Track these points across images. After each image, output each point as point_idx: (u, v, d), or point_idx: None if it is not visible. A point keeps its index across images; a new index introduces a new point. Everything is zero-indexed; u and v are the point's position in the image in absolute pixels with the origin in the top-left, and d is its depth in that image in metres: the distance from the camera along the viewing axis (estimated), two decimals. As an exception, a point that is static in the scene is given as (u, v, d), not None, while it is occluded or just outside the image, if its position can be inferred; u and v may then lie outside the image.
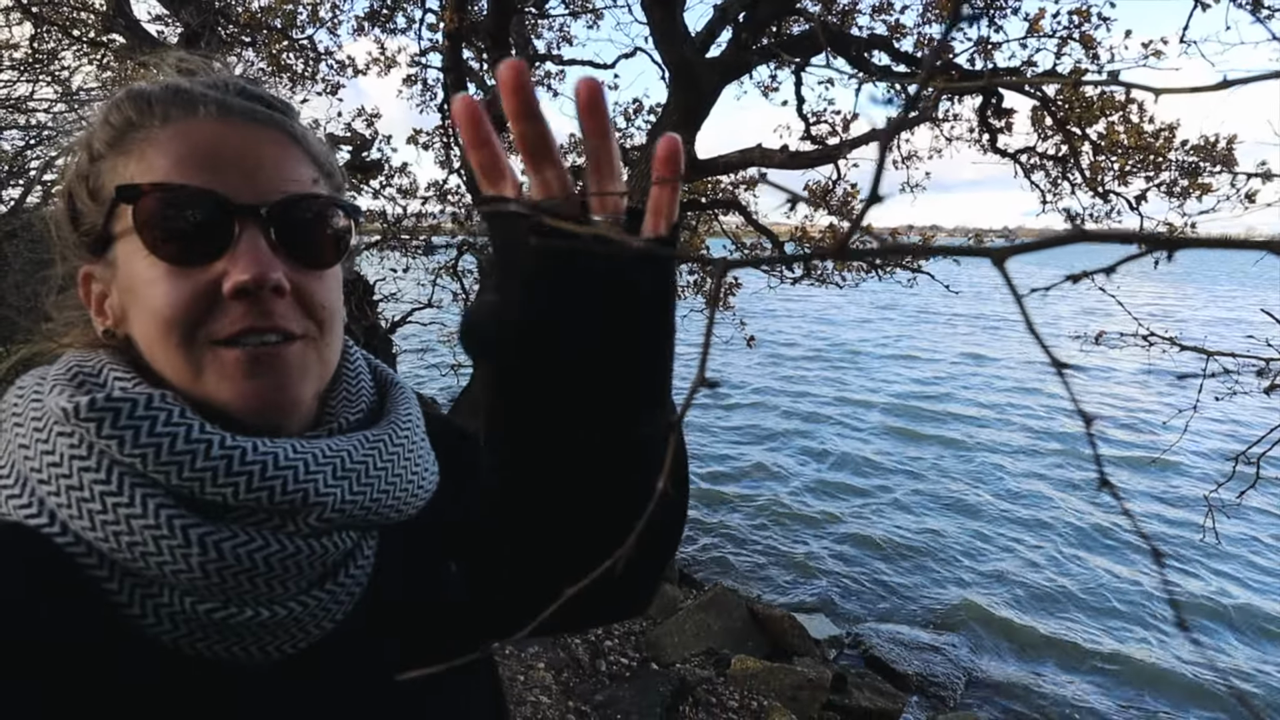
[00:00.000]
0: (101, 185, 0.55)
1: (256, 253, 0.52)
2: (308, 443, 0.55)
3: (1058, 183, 5.33)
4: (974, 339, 22.60)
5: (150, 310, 0.52)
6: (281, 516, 0.52)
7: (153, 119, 0.54)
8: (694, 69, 3.96)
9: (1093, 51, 4.50)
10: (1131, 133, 4.79)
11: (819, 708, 4.28)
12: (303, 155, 0.58)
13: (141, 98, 0.55)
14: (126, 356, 0.56)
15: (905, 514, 8.91)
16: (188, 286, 0.52)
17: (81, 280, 0.58)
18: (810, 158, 4.26)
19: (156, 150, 0.53)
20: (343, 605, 0.56)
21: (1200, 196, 4.80)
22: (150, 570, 0.48)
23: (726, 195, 5.77)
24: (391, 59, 6.12)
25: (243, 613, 0.50)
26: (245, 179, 0.54)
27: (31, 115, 5.41)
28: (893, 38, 4.81)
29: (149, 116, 0.54)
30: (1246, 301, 36.04)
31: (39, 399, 0.53)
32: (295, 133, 0.58)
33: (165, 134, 0.53)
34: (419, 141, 6.26)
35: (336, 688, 0.57)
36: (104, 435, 0.49)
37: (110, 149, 0.55)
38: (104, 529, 0.48)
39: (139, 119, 0.54)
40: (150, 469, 0.49)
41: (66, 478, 0.49)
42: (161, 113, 0.54)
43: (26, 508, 0.49)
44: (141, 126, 0.54)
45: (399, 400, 0.67)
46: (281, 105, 0.59)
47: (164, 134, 0.53)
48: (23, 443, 0.51)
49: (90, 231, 0.56)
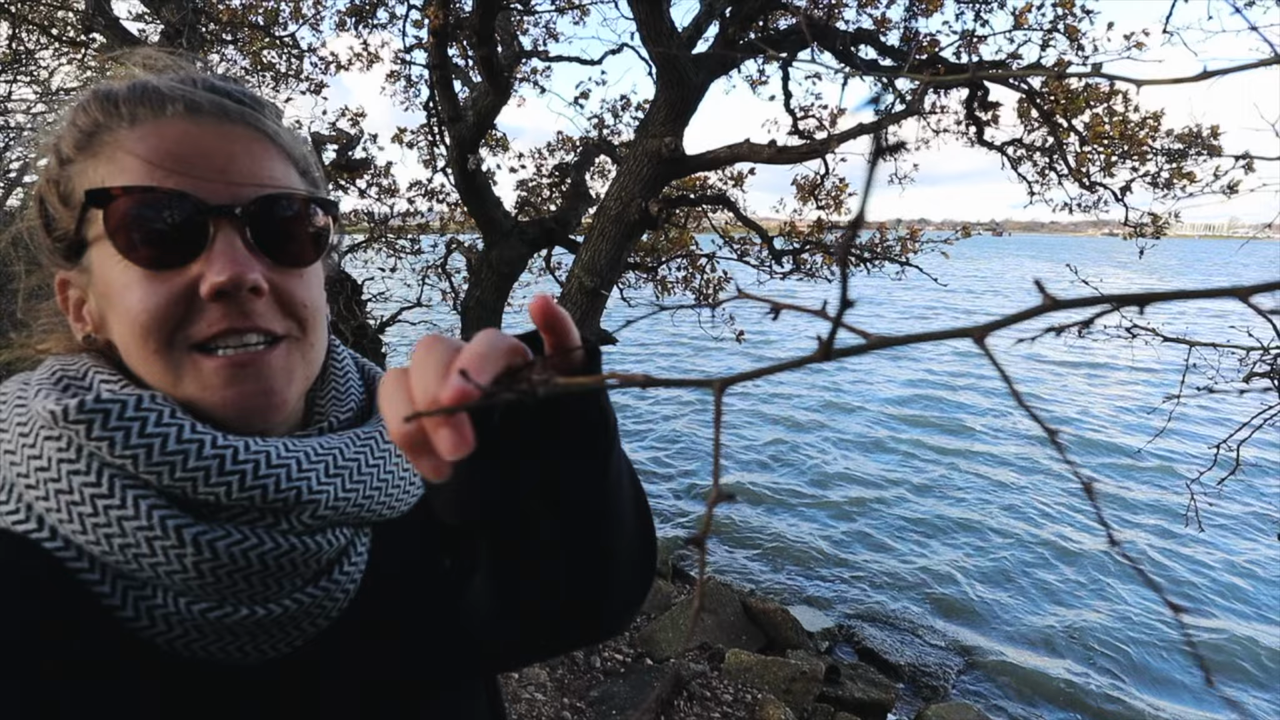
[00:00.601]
0: (72, 190, 0.54)
1: (233, 253, 0.52)
2: (298, 442, 0.55)
3: (1044, 174, 5.36)
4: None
5: (127, 316, 0.51)
6: (274, 515, 0.52)
7: (120, 120, 0.53)
8: (681, 64, 3.95)
9: (1077, 43, 4.53)
10: (1116, 124, 4.82)
11: (812, 699, 4.30)
12: (276, 151, 0.57)
13: (108, 99, 0.54)
14: (109, 360, 0.56)
15: (898, 507, 8.96)
16: (164, 290, 0.51)
17: (58, 287, 0.57)
18: (798, 152, 4.25)
19: (125, 151, 0.52)
20: (337, 603, 0.56)
21: (1184, 186, 4.84)
22: (143, 572, 0.48)
23: (715, 191, 5.77)
24: (374, 55, 6.07)
25: (237, 611, 0.50)
26: (218, 178, 0.53)
27: (10, 116, 5.34)
28: (879, 32, 4.82)
29: (116, 118, 0.53)
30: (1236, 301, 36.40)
31: (23, 404, 0.52)
32: (268, 129, 0.57)
33: (134, 135, 0.52)
34: (404, 140, 6.21)
35: (331, 685, 0.57)
36: (94, 437, 0.48)
37: (79, 152, 0.54)
38: (95, 532, 0.47)
39: (106, 120, 0.53)
40: (142, 470, 0.48)
41: (55, 482, 0.48)
42: (129, 113, 0.53)
43: (14, 514, 0.49)
44: (109, 128, 0.53)
45: None
46: (252, 101, 0.58)
47: (132, 135, 0.52)
48: (8, 449, 0.51)
49: (64, 237, 0.55)
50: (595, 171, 6.37)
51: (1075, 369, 17.21)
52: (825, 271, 5.31)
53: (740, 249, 5.57)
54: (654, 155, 4.14)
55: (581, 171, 5.73)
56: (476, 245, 5.68)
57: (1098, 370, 16.85)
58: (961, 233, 5.14)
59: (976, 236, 5.29)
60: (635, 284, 6.26)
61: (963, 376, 16.24)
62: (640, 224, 4.30)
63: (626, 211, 4.21)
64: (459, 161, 4.54)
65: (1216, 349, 1.87)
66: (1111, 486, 9.56)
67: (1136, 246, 5.05)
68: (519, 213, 6.24)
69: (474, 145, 4.58)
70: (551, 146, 6.60)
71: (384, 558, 0.63)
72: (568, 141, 6.52)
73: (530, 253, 5.18)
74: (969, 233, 5.19)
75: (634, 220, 4.23)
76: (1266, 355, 1.69)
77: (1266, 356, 1.69)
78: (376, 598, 0.61)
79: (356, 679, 0.59)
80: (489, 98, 4.49)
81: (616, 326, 5.31)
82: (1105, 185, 5.14)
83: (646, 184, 4.21)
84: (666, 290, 5.98)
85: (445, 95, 4.43)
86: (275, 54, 5.70)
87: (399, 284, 6.38)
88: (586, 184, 5.67)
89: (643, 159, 4.19)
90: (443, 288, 6.35)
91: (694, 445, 10.99)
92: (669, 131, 4.12)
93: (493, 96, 4.47)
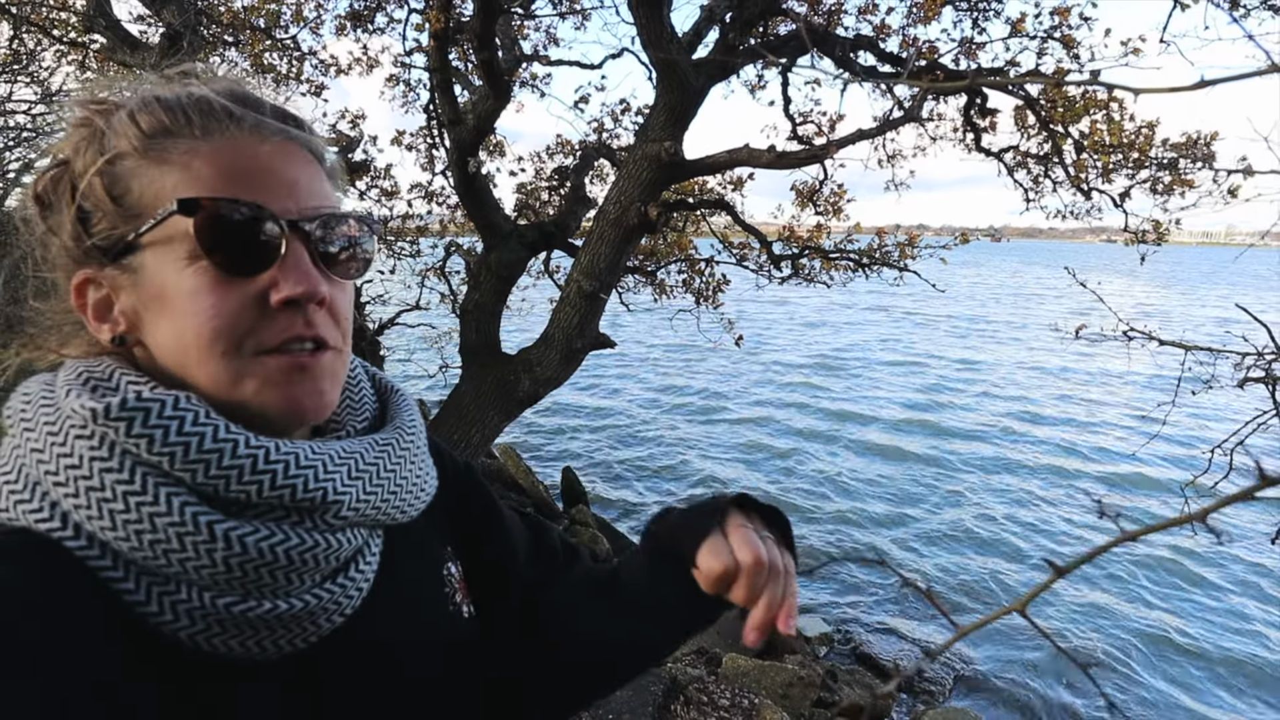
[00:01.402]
0: (127, 189, 0.54)
1: (306, 266, 0.56)
2: (322, 445, 0.58)
3: (1039, 180, 5.38)
4: (968, 342, 22.73)
5: (193, 320, 0.53)
6: (300, 514, 0.55)
7: (191, 128, 0.55)
8: (681, 69, 3.97)
9: (1074, 51, 4.55)
10: (1114, 131, 4.84)
11: (810, 704, 4.30)
12: (324, 173, 0.62)
13: (172, 107, 0.56)
14: (130, 363, 0.57)
15: (894, 512, 8.97)
16: (237, 297, 0.54)
17: (76, 287, 0.58)
18: (797, 157, 4.27)
19: (202, 161, 0.54)
20: (351, 600, 0.59)
21: (1183, 193, 4.86)
22: (171, 567, 0.50)
23: (714, 196, 5.78)
24: (374, 59, 6.08)
25: (261, 605, 0.52)
26: (286, 194, 0.56)
27: (10, 117, 5.34)
28: (878, 38, 4.84)
29: (187, 127, 0.55)
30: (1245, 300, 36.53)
31: (49, 403, 0.54)
32: (318, 151, 0.62)
33: (208, 146, 0.55)
34: (403, 143, 6.23)
35: (342, 681, 0.59)
36: (133, 434, 0.50)
37: (137, 155, 0.54)
38: (125, 528, 0.49)
39: (175, 127, 0.55)
40: (176, 468, 0.50)
41: (87, 479, 0.50)
42: (201, 124, 0.55)
43: (37, 512, 0.50)
44: (178, 135, 0.55)
45: (401, 407, 0.71)
46: (306, 125, 0.62)
47: (207, 146, 0.55)
48: (35, 446, 0.52)
49: (108, 237, 0.55)
50: (594, 175, 6.38)
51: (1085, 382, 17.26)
52: (823, 276, 5.32)
53: (739, 254, 5.58)
54: (653, 159, 4.15)
55: (581, 175, 5.74)
56: (475, 248, 5.69)
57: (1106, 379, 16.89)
58: (960, 238, 5.15)
59: (975, 242, 5.29)
60: (634, 288, 6.26)
61: (968, 382, 16.28)
62: (639, 228, 4.31)
63: (626, 215, 4.22)
64: (458, 164, 4.55)
65: (1213, 354, 1.89)
66: (1118, 499, 9.57)
67: (1136, 253, 5.06)
68: (518, 216, 6.25)
69: (474, 148, 4.59)
70: (551, 150, 6.62)
71: (394, 559, 0.65)
72: (567, 145, 6.53)
73: (529, 256, 5.19)
74: (968, 238, 5.20)
75: (633, 224, 4.24)
76: (1261, 360, 1.70)
77: (1261, 361, 1.70)
78: (386, 597, 0.63)
79: (365, 676, 0.61)
80: (489, 101, 4.51)
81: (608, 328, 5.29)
82: (1103, 191, 5.16)
83: (646, 188, 4.22)
84: (665, 294, 5.98)
85: (445, 99, 4.44)
86: (276, 56, 5.71)
87: (398, 286, 6.39)
88: (586, 188, 5.69)
89: (642, 163, 4.21)
90: (441, 290, 6.36)
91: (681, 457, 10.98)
92: (668, 136, 4.13)
93: (493, 100, 4.48)
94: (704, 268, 5.82)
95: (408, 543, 0.69)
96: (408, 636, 0.65)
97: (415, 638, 0.66)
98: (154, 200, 0.54)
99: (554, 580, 0.84)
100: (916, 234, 5.13)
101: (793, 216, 5.69)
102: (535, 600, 0.82)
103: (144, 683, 0.49)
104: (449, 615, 0.71)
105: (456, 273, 6.30)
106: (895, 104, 4.96)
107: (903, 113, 4.71)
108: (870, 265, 5.10)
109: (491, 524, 0.83)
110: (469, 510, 0.81)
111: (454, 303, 6.03)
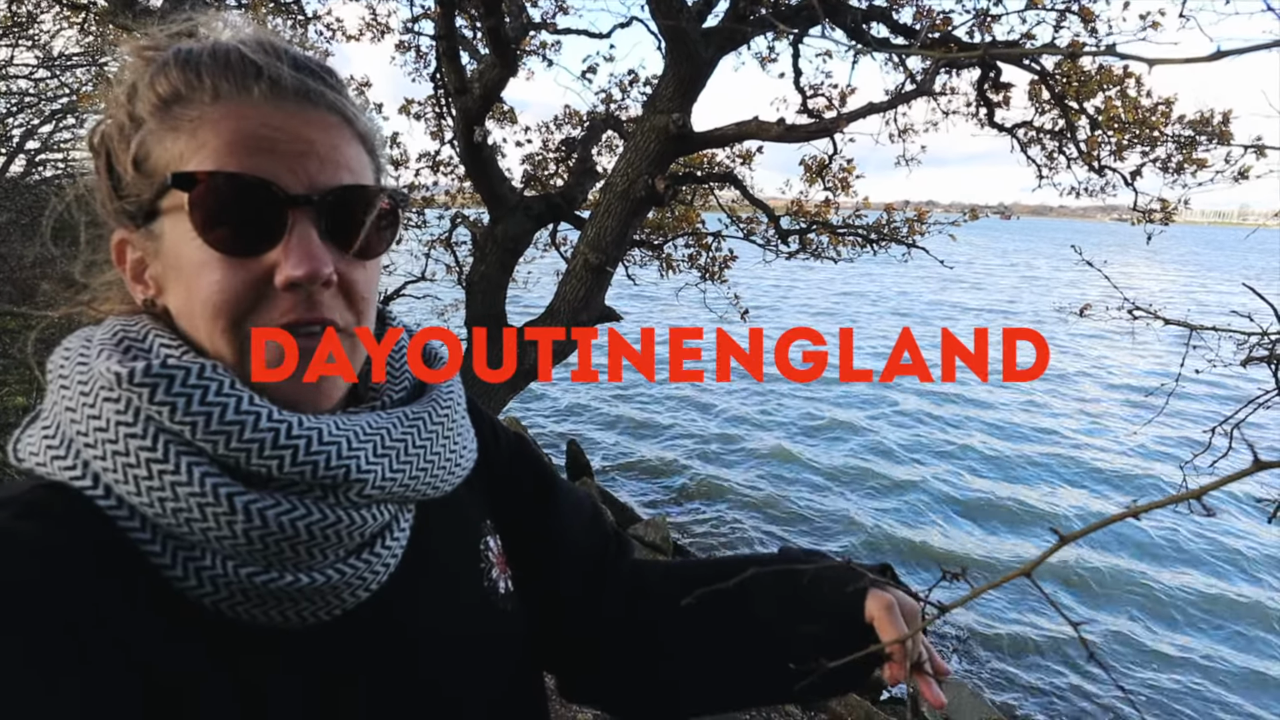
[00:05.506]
0: (148, 154, 0.54)
1: (310, 246, 0.53)
2: (348, 419, 0.57)
3: (1053, 157, 5.31)
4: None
5: (199, 294, 0.53)
6: (323, 489, 0.54)
7: (203, 92, 0.53)
8: (690, 39, 3.91)
9: (1091, 25, 4.46)
10: (1129, 107, 4.77)
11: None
12: (352, 135, 0.58)
13: (189, 65, 0.54)
14: (167, 324, 0.57)
15: (894, 507, 9.02)
16: (239, 276, 0.52)
17: (116, 246, 0.58)
18: (807, 130, 4.22)
19: (208, 130, 0.52)
20: (378, 575, 0.58)
21: (1195, 172, 4.80)
22: (194, 535, 0.50)
23: (722, 169, 5.73)
24: (385, 25, 6.00)
25: (283, 578, 0.52)
26: (297, 165, 0.53)
27: (12, 81, 5.29)
28: (891, 9, 4.75)
29: (199, 90, 0.53)
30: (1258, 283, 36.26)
31: (85, 362, 0.53)
32: (347, 112, 0.58)
33: (216, 113, 0.53)
34: (411, 111, 6.17)
35: (367, 653, 0.59)
36: (156, 401, 0.50)
37: (156, 119, 0.54)
38: (149, 495, 0.49)
39: (187, 91, 0.53)
40: (199, 437, 0.50)
41: (112, 443, 0.50)
42: (212, 86, 0.53)
43: (71, 469, 0.51)
44: (190, 101, 0.53)
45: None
46: (335, 81, 0.58)
47: (214, 113, 0.53)
48: (69, 405, 0.52)
49: (134, 201, 0.55)
50: (602, 147, 6.32)
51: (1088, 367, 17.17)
52: (831, 252, 5.29)
53: (747, 228, 5.55)
54: (661, 131, 4.11)
55: (588, 147, 5.69)
56: (481, 220, 5.66)
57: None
58: (969, 215, 5.11)
59: (984, 219, 5.25)
60: (641, 261, 6.24)
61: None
62: (647, 201, 4.28)
63: (633, 188, 4.19)
64: (465, 134, 4.51)
65: (1217, 333, 1.89)
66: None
67: (1144, 232, 5.01)
68: (525, 187, 6.21)
69: (480, 118, 4.55)
70: (558, 120, 6.55)
71: (426, 535, 0.64)
72: (575, 116, 6.46)
73: (536, 228, 5.17)
74: (977, 215, 5.15)
75: (640, 197, 4.21)
76: (1265, 340, 1.70)
77: (1265, 341, 1.70)
78: (416, 571, 0.63)
79: (392, 649, 0.60)
80: (496, 70, 4.45)
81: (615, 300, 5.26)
82: (1115, 169, 5.10)
83: (653, 160, 4.19)
84: (672, 268, 5.96)
85: (452, 66, 4.39)
86: (280, 20, 5.63)
87: (404, 256, 6.38)
88: (593, 159, 5.64)
89: (650, 135, 4.16)
90: (447, 262, 6.34)
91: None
92: (677, 107, 4.09)
93: (500, 69, 4.42)
94: (711, 242, 5.79)
95: (443, 515, 0.68)
96: (437, 610, 0.65)
97: (445, 612, 0.65)
98: (165, 169, 0.53)
99: (611, 568, 0.84)
100: (925, 210, 5.09)
101: (801, 192, 5.64)
102: (602, 582, 0.82)
103: (174, 641, 0.49)
104: (483, 591, 0.70)
105: (463, 243, 6.29)
106: (908, 77, 4.89)
107: (915, 86, 4.64)
108: (878, 241, 5.07)
109: (546, 501, 0.81)
110: (519, 486, 0.80)
111: (460, 275, 6.03)
